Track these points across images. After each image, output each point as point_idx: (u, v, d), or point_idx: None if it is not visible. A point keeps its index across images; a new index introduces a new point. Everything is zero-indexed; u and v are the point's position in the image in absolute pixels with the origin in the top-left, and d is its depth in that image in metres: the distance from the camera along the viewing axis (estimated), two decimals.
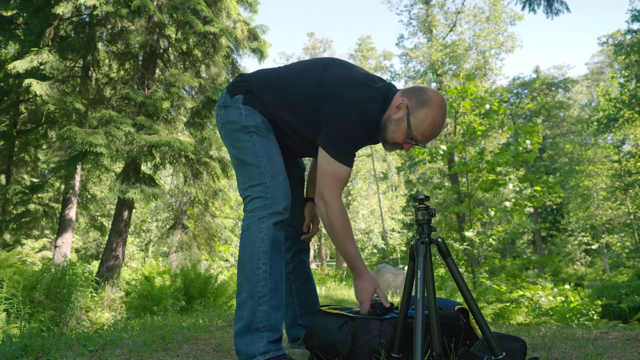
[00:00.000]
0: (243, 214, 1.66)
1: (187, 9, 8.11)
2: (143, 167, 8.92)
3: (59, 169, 8.10)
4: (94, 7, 7.40)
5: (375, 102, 1.60)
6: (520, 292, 6.55)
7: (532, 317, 6.11)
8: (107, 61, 9.32)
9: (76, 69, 8.85)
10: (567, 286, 7.10)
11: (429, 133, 1.59)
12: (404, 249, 28.40)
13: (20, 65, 7.26)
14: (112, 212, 12.78)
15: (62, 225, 8.95)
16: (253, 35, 10.35)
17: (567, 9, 6.09)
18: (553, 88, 31.27)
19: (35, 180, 12.39)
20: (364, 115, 1.58)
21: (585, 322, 5.66)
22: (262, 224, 1.55)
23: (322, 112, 1.60)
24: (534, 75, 31.45)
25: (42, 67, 7.40)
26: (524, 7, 6.36)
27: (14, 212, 10.96)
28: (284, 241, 1.93)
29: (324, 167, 1.60)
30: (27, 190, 10.01)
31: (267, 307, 1.51)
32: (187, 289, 6.60)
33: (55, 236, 9.58)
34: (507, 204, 7.70)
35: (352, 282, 13.87)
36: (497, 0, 19.40)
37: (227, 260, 14.73)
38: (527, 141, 7.28)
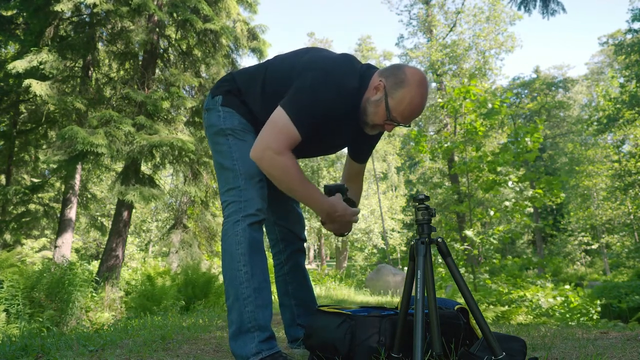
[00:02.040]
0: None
1: (187, 8, 8.11)
2: (143, 167, 8.92)
3: (59, 169, 8.09)
4: (94, 5, 7.40)
5: (352, 78, 1.55)
6: (521, 292, 6.55)
7: (532, 317, 6.10)
8: (107, 61, 9.32)
9: (76, 68, 8.85)
10: (567, 286, 7.09)
11: (408, 113, 1.53)
12: (404, 249, 28.38)
13: (20, 65, 7.26)
14: (112, 212, 12.78)
15: (62, 225, 8.95)
16: (253, 35, 10.36)
17: (563, 9, 6.07)
18: (553, 88, 31.27)
19: (35, 180, 12.39)
20: (340, 88, 1.51)
21: (586, 322, 5.66)
22: (238, 226, 1.56)
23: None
24: (534, 75, 31.46)
25: (41, 67, 7.40)
26: (519, 7, 6.35)
27: (14, 212, 10.96)
28: (278, 242, 1.94)
29: (275, 120, 1.49)
30: (27, 190, 10.00)
31: (252, 307, 1.52)
32: (188, 289, 6.61)
33: (55, 236, 9.58)
34: (507, 203, 7.70)
35: (351, 281, 13.88)
36: (497, 0, 19.40)
37: None
38: (527, 140, 7.26)
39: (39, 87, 7.26)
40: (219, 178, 1.69)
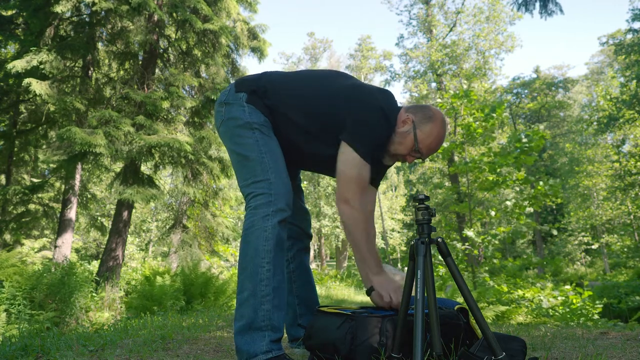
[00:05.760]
0: (245, 211, 1.63)
1: (186, 7, 8.11)
2: (142, 167, 8.92)
3: (59, 168, 8.09)
4: (93, 3, 7.40)
5: (394, 111, 1.70)
6: (521, 292, 6.55)
7: (532, 317, 6.10)
8: (107, 61, 9.32)
9: (76, 68, 8.85)
10: (567, 286, 7.09)
11: (434, 146, 1.70)
12: (404, 249, 28.40)
13: (19, 65, 7.25)
14: (112, 212, 12.78)
15: (62, 225, 8.95)
16: (253, 35, 10.36)
17: (561, 10, 6.18)
18: (553, 88, 31.24)
19: (35, 180, 12.39)
20: (387, 121, 1.66)
21: (586, 322, 5.66)
22: (267, 222, 1.54)
23: (343, 116, 1.64)
24: (534, 75, 31.41)
25: (41, 66, 7.39)
26: (519, 8, 6.41)
27: (14, 212, 10.95)
28: (286, 240, 1.94)
29: (349, 172, 1.61)
30: (27, 190, 9.99)
31: (269, 306, 1.50)
32: (187, 289, 6.60)
33: (55, 236, 9.58)
34: (508, 203, 7.71)
35: (351, 281, 13.88)
36: (497, 0, 19.39)
37: (227, 260, 14.71)
38: (534, 140, 7.27)
39: (38, 87, 7.25)
40: (241, 170, 1.67)
